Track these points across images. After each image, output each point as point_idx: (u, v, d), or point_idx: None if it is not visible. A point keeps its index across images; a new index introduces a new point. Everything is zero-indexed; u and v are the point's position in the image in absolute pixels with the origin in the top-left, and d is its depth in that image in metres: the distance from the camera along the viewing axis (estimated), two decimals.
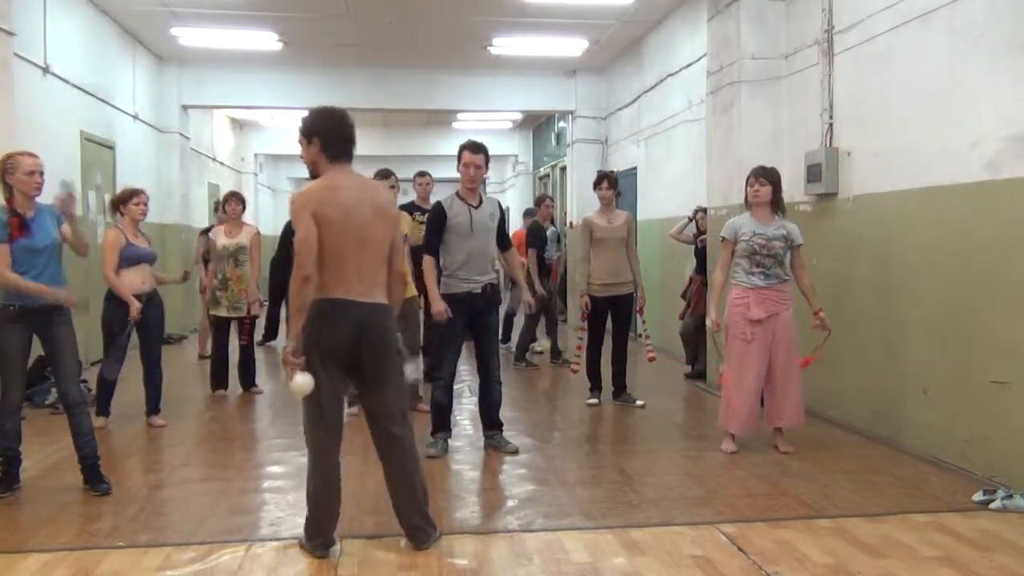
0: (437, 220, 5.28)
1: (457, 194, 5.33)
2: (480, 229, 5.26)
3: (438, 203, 5.39)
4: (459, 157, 5.29)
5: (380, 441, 3.68)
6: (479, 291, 5.26)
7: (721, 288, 5.36)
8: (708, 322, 5.36)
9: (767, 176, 5.28)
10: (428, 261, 5.35)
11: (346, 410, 4.39)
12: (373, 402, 3.66)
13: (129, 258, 5.82)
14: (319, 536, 3.63)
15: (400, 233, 3.87)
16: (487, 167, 5.32)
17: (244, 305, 7.10)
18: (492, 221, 5.34)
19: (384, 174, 6.36)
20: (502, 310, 6.72)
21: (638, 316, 6.94)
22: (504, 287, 9.20)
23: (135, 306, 5.73)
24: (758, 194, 5.26)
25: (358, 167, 3.77)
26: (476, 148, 5.25)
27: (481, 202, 5.32)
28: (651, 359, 6.88)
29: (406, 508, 3.69)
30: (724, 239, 5.34)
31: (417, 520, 3.69)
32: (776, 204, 5.30)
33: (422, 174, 7.83)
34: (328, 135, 3.59)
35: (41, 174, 4.45)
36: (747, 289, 5.24)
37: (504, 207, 18.33)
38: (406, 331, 6.36)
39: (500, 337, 9.42)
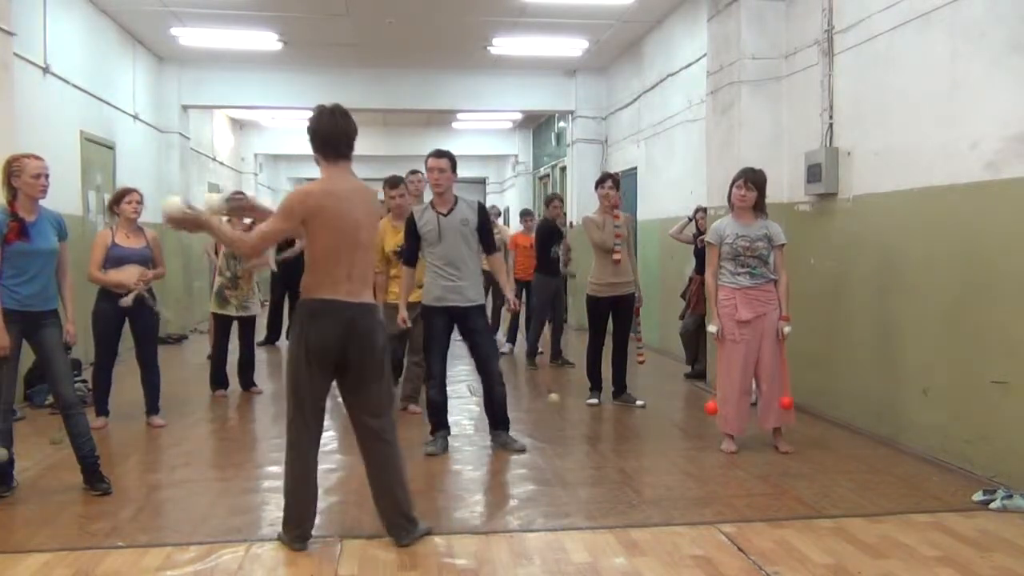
0: (410, 230, 5.39)
1: (431, 203, 5.38)
2: (450, 236, 5.26)
3: (411, 213, 5.50)
4: (425, 165, 5.37)
5: (361, 436, 3.76)
6: (458, 293, 5.29)
7: (716, 294, 5.36)
8: (712, 329, 5.35)
9: (755, 181, 5.29)
10: (404, 271, 5.54)
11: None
12: (356, 399, 3.73)
13: (114, 258, 5.80)
14: (297, 528, 3.71)
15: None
16: (454, 172, 5.31)
17: (251, 304, 7.12)
18: (465, 227, 5.29)
19: (392, 183, 6.48)
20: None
21: (635, 316, 6.95)
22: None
23: (129, 281, 5.71)
24: (744, 199, 5.28)
25: (357, 167, 3.80)
26: (439, 154, 5.32)
27: (452, 209, 5.30)
28: (640, 361, 7.02)
29: (384, 504, 3.76)
30: (710, 243, 5.37)
31: (395, 517, 3.74)
32: (759, 207, 5.31)
33: (414, 172, 6.96)
34: (317, 135, 3.66)
35: (47, 176, 4.45)
36: (734, 290, 5.26)
37: (502, 208, 18.28)
38: (415, 333, 6.40)
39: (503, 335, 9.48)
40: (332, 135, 3.65)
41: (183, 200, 3.65)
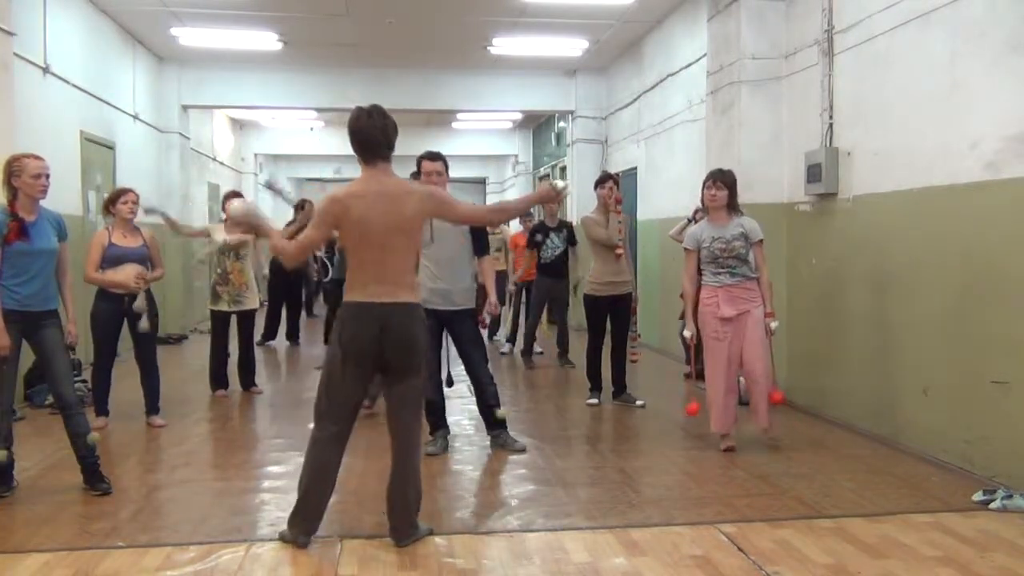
0: None
1: None
2: (441, 238, 5.19)
3: None
4: (418, 167, 5.30)
5: (390, 431, 3.79)
6: (443, 297, 5.26)
7: (693, 299, 5.38)
8: (686, 334, 5.39)
9: (723, 180, 5.31)
10: None
11: None
12: (390, 395, 3.77)
13: (111, 258, 5.79)
14: (304, 523, 3.71)
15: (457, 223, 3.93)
16: (447, 174, 5.27)
17: (245, 299, 7.13)
18: (456, 228, 5.20)
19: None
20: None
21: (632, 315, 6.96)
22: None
23: (127, 281, 5.68)
24: (715, 199, 5.29)
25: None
26: (433, 156, 5.27)
27: None
28: (634, 360, 7.03)
29: (393, 502, 3.76)
30: (687, 249, 5.40)
31: (397, 518, 3.74)
32: (732, 206, 5.32)
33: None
34: (353, 136, 3.68)
35: (47, 176, 4.45)
36: (716, 288, 5.27)
37: None
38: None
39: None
40: (369, 137, 3.64)
41: (253, 204, 3.98)
